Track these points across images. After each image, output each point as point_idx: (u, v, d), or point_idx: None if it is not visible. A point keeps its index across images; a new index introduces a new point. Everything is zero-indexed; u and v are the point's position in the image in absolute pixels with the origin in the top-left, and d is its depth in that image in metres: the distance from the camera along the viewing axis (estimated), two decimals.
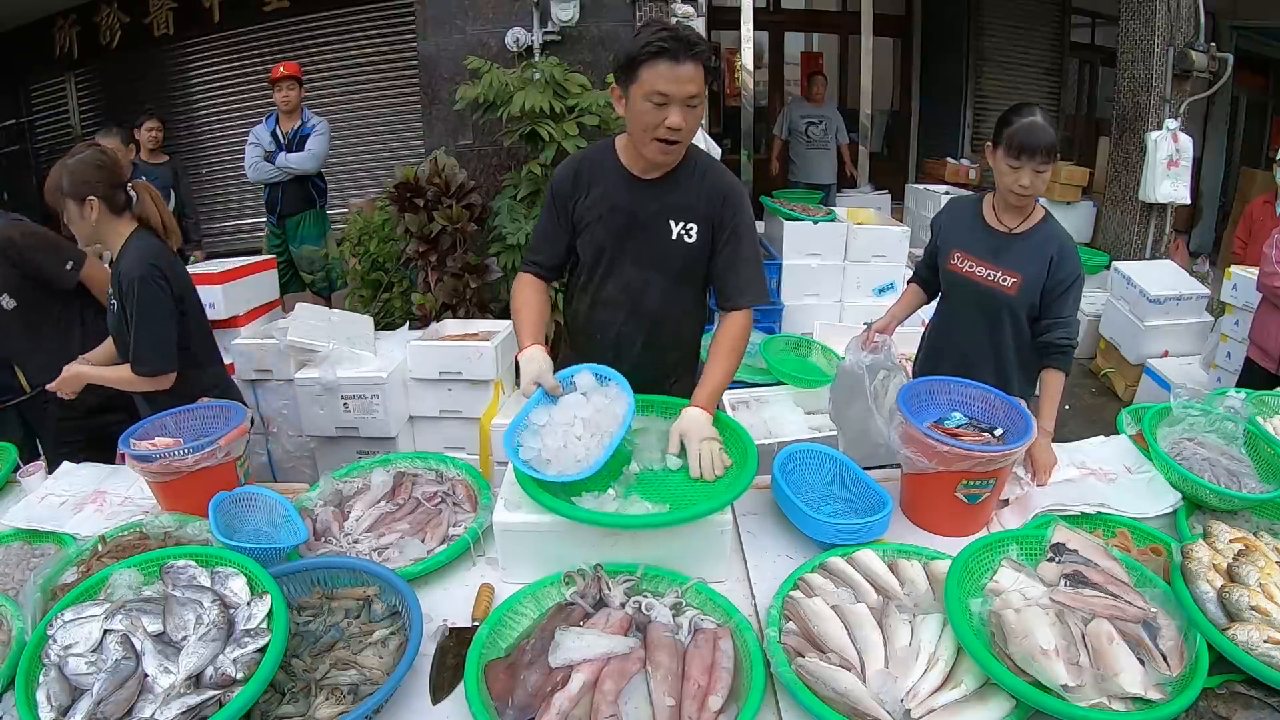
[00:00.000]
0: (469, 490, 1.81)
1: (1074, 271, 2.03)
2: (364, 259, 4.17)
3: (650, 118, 1.61)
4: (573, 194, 1.82)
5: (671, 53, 1.56)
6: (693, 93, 1.60)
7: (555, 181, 1.86)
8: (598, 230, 1.82)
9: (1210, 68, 5.22)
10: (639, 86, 1.60)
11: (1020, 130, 1.93)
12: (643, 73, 1.58)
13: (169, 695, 1.14)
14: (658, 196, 1.78)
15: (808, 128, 6.41)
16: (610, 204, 1.79)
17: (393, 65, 6.76)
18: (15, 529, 1.77)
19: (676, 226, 1.79)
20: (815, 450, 1.83)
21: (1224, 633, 1.20)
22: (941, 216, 2.33)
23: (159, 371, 2.11)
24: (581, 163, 1.84)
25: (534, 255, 1.92)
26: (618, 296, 1.88)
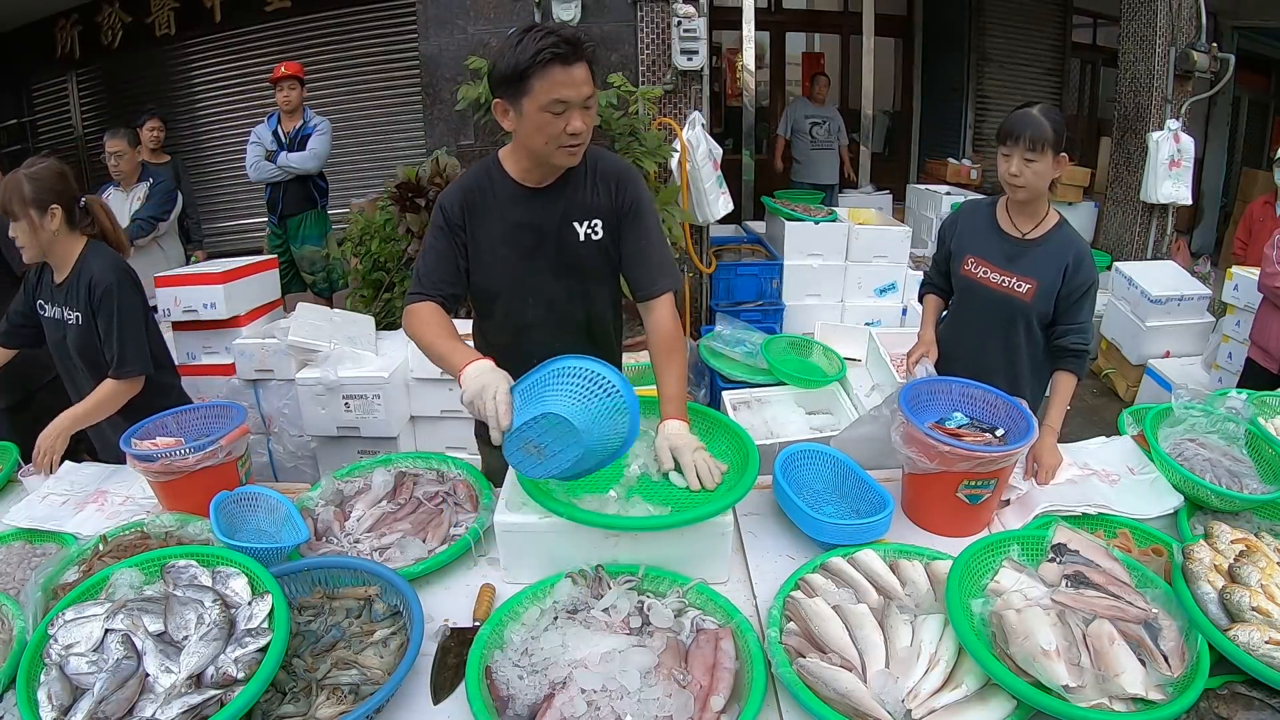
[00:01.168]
0: (470, 490, 1.81)
1: (1090, 277, 2.03)
2: (365, 259, 4.17)
3: (552, 127, 1.54)
4: (465, 223, 1.70)
5: (563, 57, 1.49)
6: (588, 94, 1.55)
7: (446, 209, 1.70)
8: (504, 253, 1.72)
9: (1212, 68, 5.22)
10: (532, 99, 1.52)
11: (1010, 119, 1.98)
12: (535, 83, 1.50)
13: (170, 695, 1.14)
14: (555, 202, 1.71)
15: (811, 128, 6.41)
16: (511, 224, 1.71)
17: (394, 65, 6.76)
18: (16, 529, 1.77)
19: (582, 228, 1.73)
20: (816, 450, 1.83)
21: (1225, 633, 1.20)
22: (953, 221, 2.31)
23: (142, 373, 2.11)
24: (467, 191, 1.71)
25: (432, 284, 1.69)
26: (544, 315, 1.78)
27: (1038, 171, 1.97)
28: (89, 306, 2.09)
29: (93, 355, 2.14)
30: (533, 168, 1.68)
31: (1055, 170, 1.99)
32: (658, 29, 4.46)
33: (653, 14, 4.44)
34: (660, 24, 4.45)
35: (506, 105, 1.58)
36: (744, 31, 6.53)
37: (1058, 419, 1.96)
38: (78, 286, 2.09)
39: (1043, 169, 1.96)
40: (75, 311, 2.12)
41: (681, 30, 4.33)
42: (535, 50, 1.48)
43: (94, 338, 2.11)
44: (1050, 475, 1.83)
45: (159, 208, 4.13)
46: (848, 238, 4.70)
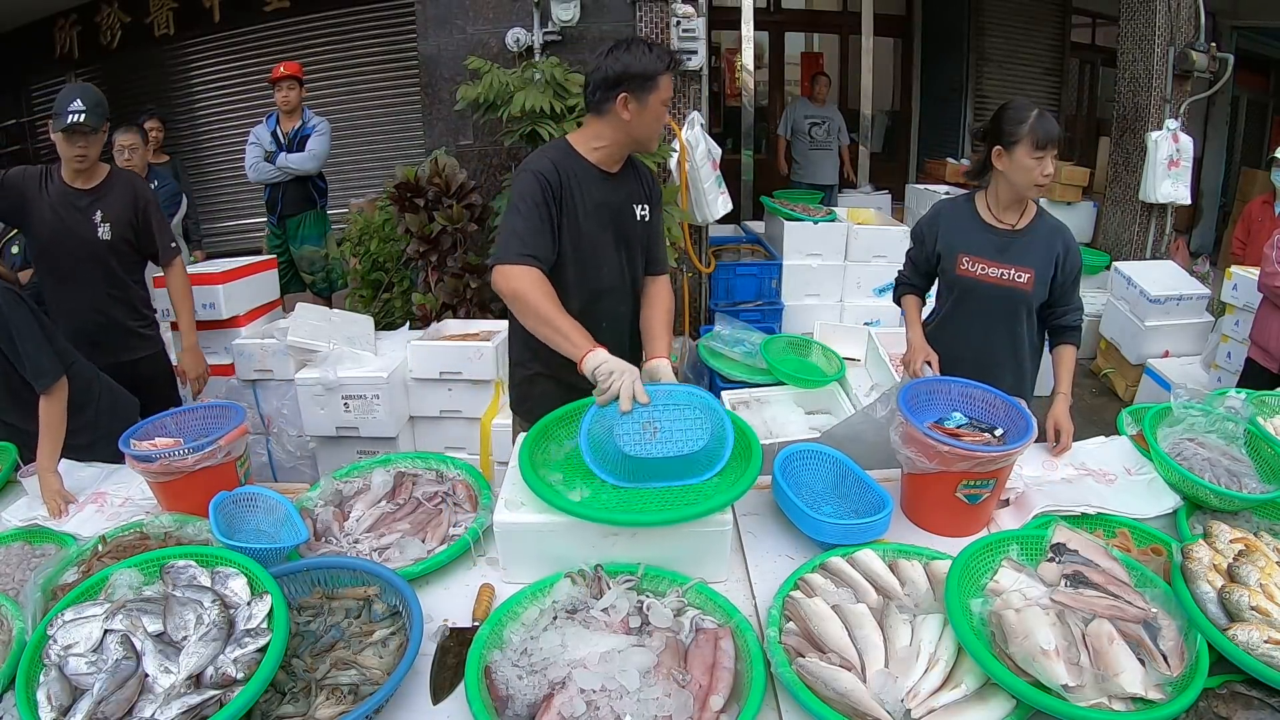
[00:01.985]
0: (469, 490, 1.81)
1: (1079, 260, 2.18)
2: (364, 259, 4.18)
3: (663, 119, 1.90)
4: (559, 191, 1.89)
5: (674, 68, 1.88)
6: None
7: (542, 177, 1.86)
8: (588, 225, 1.93)
9: (1211, 68, 5.22)
10: (658, 94, 1.84)
11: (1039, 123, 2.03)
12: (661, 81, 1.84)
13: (169, 695, 1.14)
14: (622, 186, 1.99)
15: (811, 128, 6.41)
16: (595, 200, 1.93)
17: (393, 65, 6.76)
18: (16, 529, 1.77)
19: (639, 210, 2.03)
20: (815, 450, 1.83)
21: (1224, 633, 1.20)
22: (932, 220, 2.30)
23: (59, 374, 2.08)
24: (558, 161, 1.90)
25: (532, 249, 1.82)
26: (611, 282, 2.01)
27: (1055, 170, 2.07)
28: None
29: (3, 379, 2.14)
30: (615, 155, 1.95)
31: None
32: (657, 29, 4.46)
33: (651, 14, 4.44)
34: (659, 24, 4.45)
35: (632, 98, 1.84)
36: (743, 31, 6.55)
37: (1068, 386, 2.09)
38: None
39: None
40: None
41: (680, 30, 4.33)
42: (669, 60, 1.85)
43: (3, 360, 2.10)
44: (1069, 440, 1.94)
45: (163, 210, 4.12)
46: (847, 238, 4.70)
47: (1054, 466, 1.89)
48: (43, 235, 2.58)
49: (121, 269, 2.72)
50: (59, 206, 2.59)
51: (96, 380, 2.34)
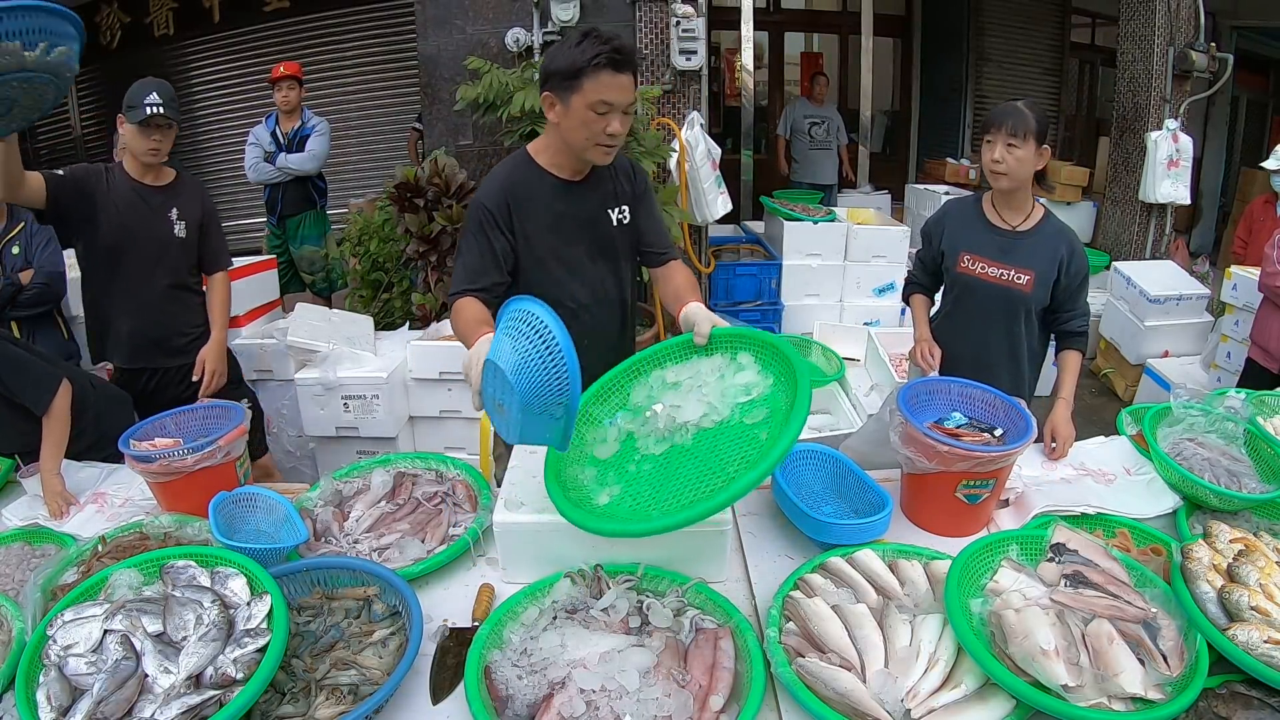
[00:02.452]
0: (469, 490, 1.81)
1: (1085, 264, 2.14)
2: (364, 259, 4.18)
3: (595, 126, 1.68)
4: (506, 213, 1.79)
5: (615, 64, 1.64)
6: (630, 101, 1.70)
7: (487, 206, 1.78)
8: (551, 242, 1.84)
9: (1210, 68, 5.22)
10: (581, 96, 1.66)
11: (994, 110, 2.07)
12: (586, 82, 1.64)
13: (169, 695, 1.14)
14: (591, 192, 1.87)
15: (810, 128, 6.42)
16: (554, 214, 1.83)
17: (393, 65, 6.76)
18: (16, 529, 1.77)
19: (614, 214, 1.90)
20: (815, 450, 1.83)
21: (1224, 633, 1.20)
22: (939, 219, 2.33)
23: (55, 389, 2.06)
24: (509, 179, 1.81)
25: (476, 281, 1.77)
26: (588, 297, 1.91)
27: (1019, 159, 2.02)
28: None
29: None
30: (568, 162, 1.81)
31: (1037, 160, 2.05)
32: (656, 29, 4.46)
33: (651, 14, 4.44)
34: (659, 24, 4.45)
35: (555, 99, 1.70)
36: (742, 31, 6.54)
37: (1070, 392, 2.06)
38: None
39: (1024, 156, 2.02)
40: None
41: (680, 30, 4.34)
42: (594, 53, 1.62)
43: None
44: (1067, 446, 1.91)
45: None
46: (846, 238, 4.70)
47: (1053, 466, 1.89)
48: (110, 233, 2.53)
49: (188, 270, 2.73)
50: (130, 203, 2.55)
51: (90, 387, 2.33)
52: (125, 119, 2.49)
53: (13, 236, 3.01)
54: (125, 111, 2.48)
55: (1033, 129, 1.99)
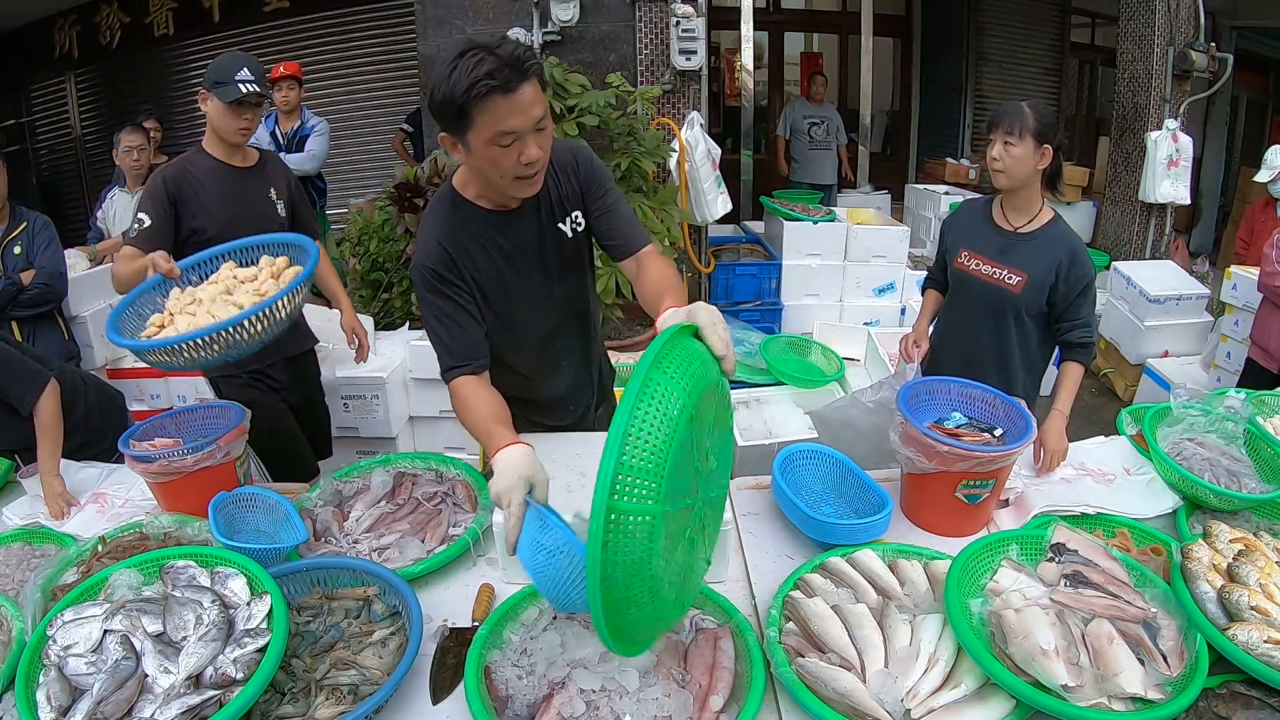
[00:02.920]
0: (469, 490, 1.81)
1: (1086, 274, 2.07)
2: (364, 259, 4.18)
3: (503, 161, 1.41)
4: (460, 266, 1.59)
5: (503, 85, 1.32)
6: (539, 116, 1.39)
7: (433, 268, 1.56)
8: (507, 279, 1.64)
9: (1210, 68, 5.22)
10: (476, 133, 1.37)
11: (997, 109, 2.05)
12: (476, 117, 1.35)
13: (169, 695, 1.14)
14: (532, 216, 1.63)
15: (810, 128, 6.42)
16: (504, 251, 1.62)
17: (393, 65, 6.76)
18: (16, 529, 1.77)
19: (567, 225, 1.67)
20: (815, 450, 1.83)
21: (1224, 633, 1.20)
22: (953, 217, 2.37)
23: (41, 389, 2.03)
24: (442, 236, 1.58)
25: (460, 359, 1.57)
26: (558, 319, 1.77)
27: (1017, 157, 2.01)
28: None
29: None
30: (496, 194, 1.57)
31: (1037, 159, 2.02)
32: (656, 29, 4.46)
33: (651, 14, 4.44)
34: (659, 24, 4.45)
35: (453, 139, 1.43)
36: (742, 31, 6.54)
37: (1066, 404, 2.00)
38: None
39: (1022, 154, 2.01)
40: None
41: (680, 30, 4.34)
42: (469, 83, 1.31)
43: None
44: (1056, 460, 1.86)
45: None
46: (846, 238, 4.70)
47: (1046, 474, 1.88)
48: (214, 225, 2.28)
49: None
50: (231, 189, 2.35)
51: (81, 383, 2.33)
52: (213, 95, 2.27)
53: (14, 237, 3.02)
54: (213, 88, 2.27)
55: (1030, 127, 1.98)
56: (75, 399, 2.23)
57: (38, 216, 3.10)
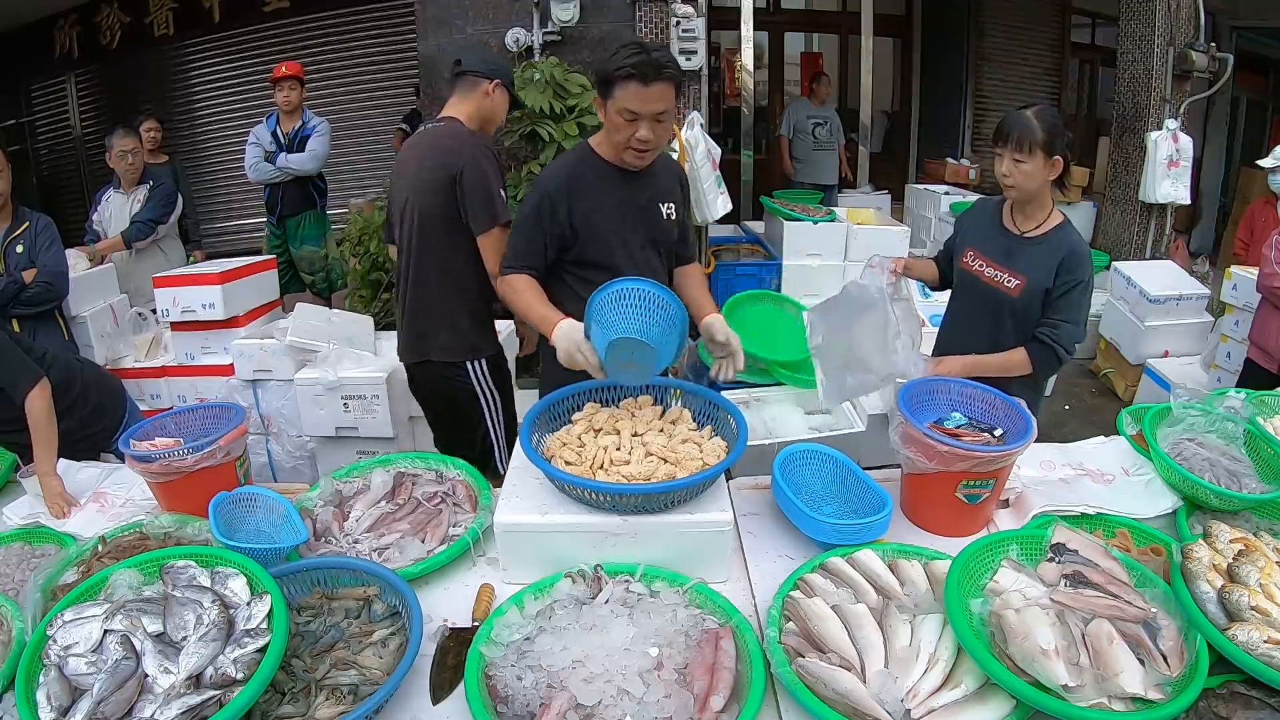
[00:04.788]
0: (469, 490, 1.81)
1: (1077, 276, 2.03)
2: (364, 259, 4.18)
3: (624, 131, 1.84)
4: (568, 201, 1.92)
5: (640, 77, 1.75)
6: (660, 110, 1.81)
7: (548, 189, 1.93)
8: (613, 227, 1.96)
9: (1210, 68, 5.22)
10: (613, 102, 1.81)
11: (1004, 119, 2.04)
12: (616, 90, 1.79)
13: (169, 695, 1.14)
14: (648, 185, 2.01)
15: (814, 128, 6.42)
16: (615, 201, 1.96)
17: (393, 65, 6.76)
18: (15, 529, 1.77)
19: (665, 208, 2.05)
20: (815, 450, 1.83)
21: (1224, 633, 1.20)
22: (966, 214, 2.37)
23: (37, 379, 2.06)
24: (572, 171, 1.96)
25: (525, 260, 1.98)
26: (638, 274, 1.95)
27: (1026, 172, 1.99)
28: None
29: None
30: (616, 155, 1.93)
31: (1048, 171, 2.00)
32: (656, 29, 4.46)
33: (651, 14, 4.44)
34: (659, 24, 4.45)
35: (600, 101, 1.86)
36: (742, 31, 6.54)
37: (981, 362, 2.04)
38: None
39: (1031, 170, 1.99)
40: None
41: (680, 30, 4.34)
42: (619, 65, 1.76)
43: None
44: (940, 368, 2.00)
45: (159, 210, 4.13)
46: (846, 238, 4.70)
47: (1052, 467, 1.88)
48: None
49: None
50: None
51: (76, 362, 2.37)
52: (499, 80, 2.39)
53: (17, 236, 3.02)
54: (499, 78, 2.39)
55: (1039, 140, 1.95)
56: (73, 377, 2.28)
57: (40, 217, 3.10)
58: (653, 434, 1.62)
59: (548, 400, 1.72)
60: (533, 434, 1.62)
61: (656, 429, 1.65)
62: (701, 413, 1.74)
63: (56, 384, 2.13)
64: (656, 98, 1.78)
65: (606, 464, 1.54)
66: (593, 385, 1.76)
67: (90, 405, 2.37)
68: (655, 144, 1.87)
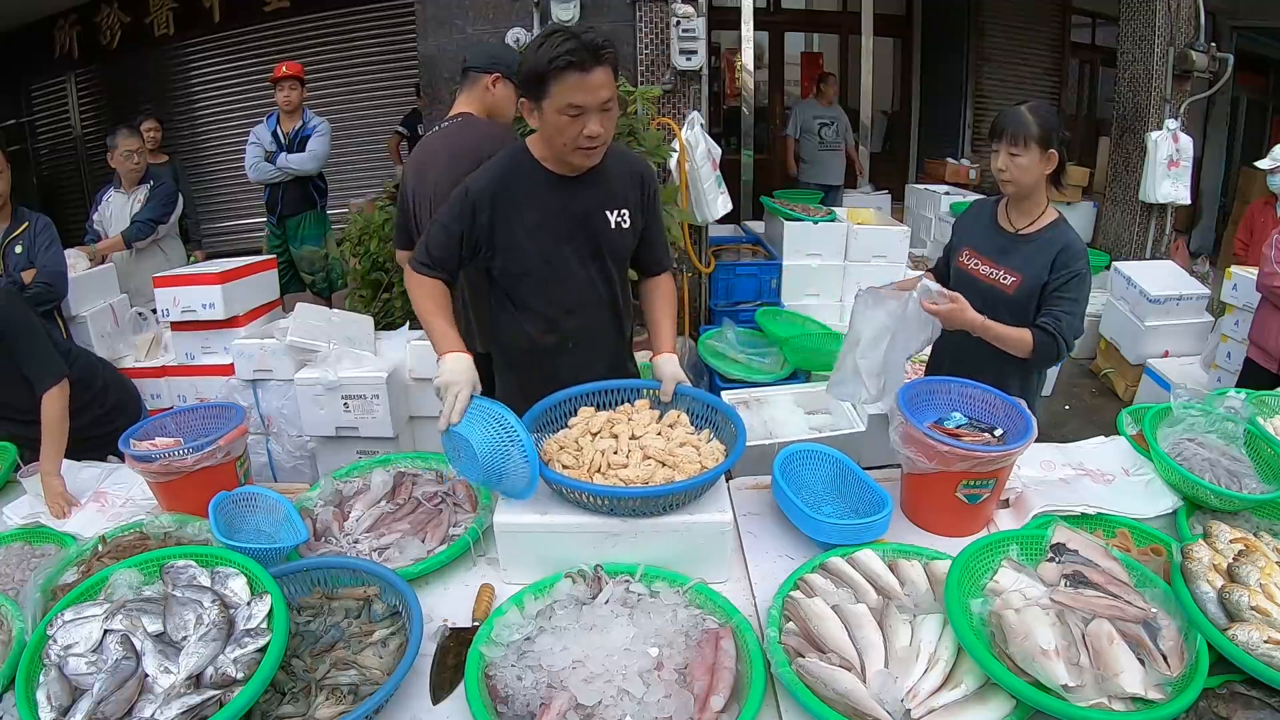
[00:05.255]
0: (469, 490, 1.80)
1: (1073, 268, 2.02)
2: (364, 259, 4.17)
3: (569, 130, 1.62)
4: (490, 207, 1.75)
5: (579, 64, 1.55)
6: (606, 98, 1.61)
7: (473, 190, 1.75)
8: (541, 238, 1.78)
9: (1210, 68, 5.22)
10: (550, 101, 1.59)
11: (999, 115, 2.04)
12: (552, 87, 1.57)
13: (169, 695, 1.14)
14: (588, 191, 1.79)
15: (820, 129, 6.44)
16: (546, 210, 1.77)
17: (393, 65, 6.76)
18: (15, 529, 1.77)
19: (613, 216, 1.83)
20: (815, 450, 1.83)
21: (1224, 633, 1.20)
22: (963, 215, 2.37)
23: (62, 374, 2.09)
24: (502, 174, 1.77)
25: (434, 256, 1.78)
26: (578, 298, 1.86)
27: (1022, 166, 2.00)
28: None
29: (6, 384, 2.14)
30: (560, 159, 1.74)
31: (1043, 165, 2.01)
32: (656, 29, 4.46)
33: (651, 14, 4.44)
34: (659, 24, 4.45)
35: (530, 105, 1.64)
36: (743, 31, 6.54)
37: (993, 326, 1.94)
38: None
39: (1027, 164, 1.99)
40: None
41: (680, 30, 4.33)
42: (551, 56, 1.54)
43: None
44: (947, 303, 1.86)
45: (159, 210, 4.13)
46: (846, 238, 4.70)
47: (1052, 467, 1.88)
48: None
49: None
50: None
51: (96, 360, 2.39)
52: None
53: (16, 236, 3.02)
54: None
55: (1034, 135, 1.96)
56: (93, 372, 2.34)
57: (39, 217, 3.10)
58: (650, 437, 1.62)
59: (544, 404, 1.70)
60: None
61: (654, 432, 1.64)
62: (699, 415, 1.73)
63: (79, 379, 2.18)
64: (600, 84, 1.58)
65: (604, 468, 1.53)
66: (587, 389, 1.75)
67: (110, 403, 2.41)
68: (606, 136, 1.65)
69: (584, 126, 1.61)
